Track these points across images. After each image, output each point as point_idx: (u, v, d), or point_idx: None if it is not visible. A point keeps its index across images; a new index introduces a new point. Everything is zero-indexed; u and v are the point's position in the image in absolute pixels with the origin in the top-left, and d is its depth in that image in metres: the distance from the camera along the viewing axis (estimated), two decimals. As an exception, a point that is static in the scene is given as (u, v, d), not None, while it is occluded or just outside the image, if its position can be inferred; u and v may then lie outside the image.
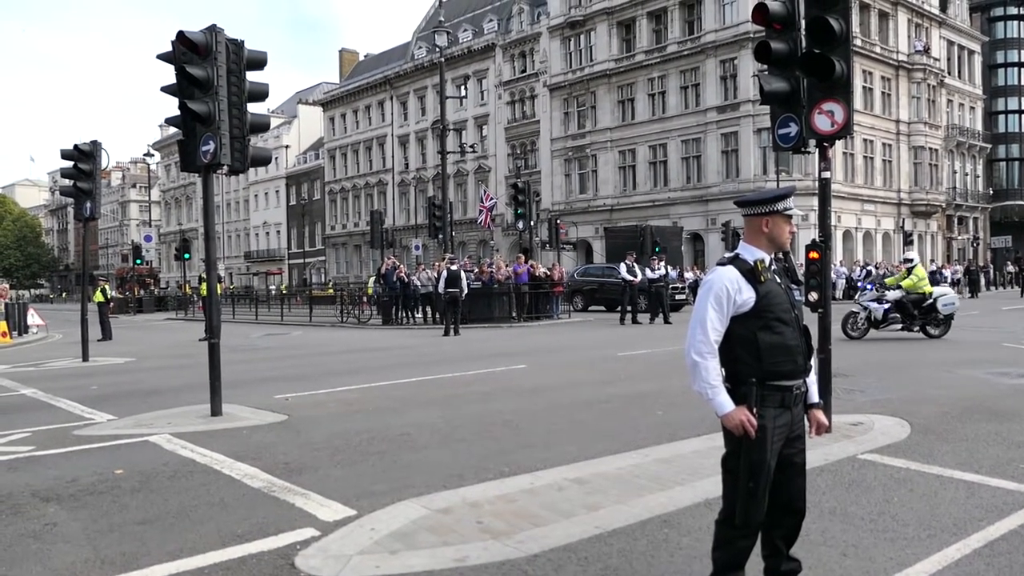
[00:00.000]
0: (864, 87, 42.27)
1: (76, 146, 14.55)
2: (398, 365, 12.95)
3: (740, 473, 3.08)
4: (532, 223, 29.22)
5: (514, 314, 23.85)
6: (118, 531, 4.55)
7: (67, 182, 15.52)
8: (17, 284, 71.03)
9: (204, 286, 22.92)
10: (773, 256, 3.22)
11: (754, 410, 3.04)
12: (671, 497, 4.86)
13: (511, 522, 4.43)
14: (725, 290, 3.09)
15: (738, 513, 3.08)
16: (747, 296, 3.08)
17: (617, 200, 45.32)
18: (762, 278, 3.10)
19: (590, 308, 29.59)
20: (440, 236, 27.38)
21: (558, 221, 36.00)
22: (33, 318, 25.87)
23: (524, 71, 51.11)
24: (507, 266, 25.49)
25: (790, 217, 3.21)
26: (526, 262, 25.89)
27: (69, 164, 14.69)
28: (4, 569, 3.98)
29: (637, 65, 44.26)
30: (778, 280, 3.17)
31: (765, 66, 7.00)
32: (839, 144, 7.07)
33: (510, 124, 51.73)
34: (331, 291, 41.56)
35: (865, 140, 42.91)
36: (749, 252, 3.19)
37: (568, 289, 28.55)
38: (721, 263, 3.22)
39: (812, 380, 3.29)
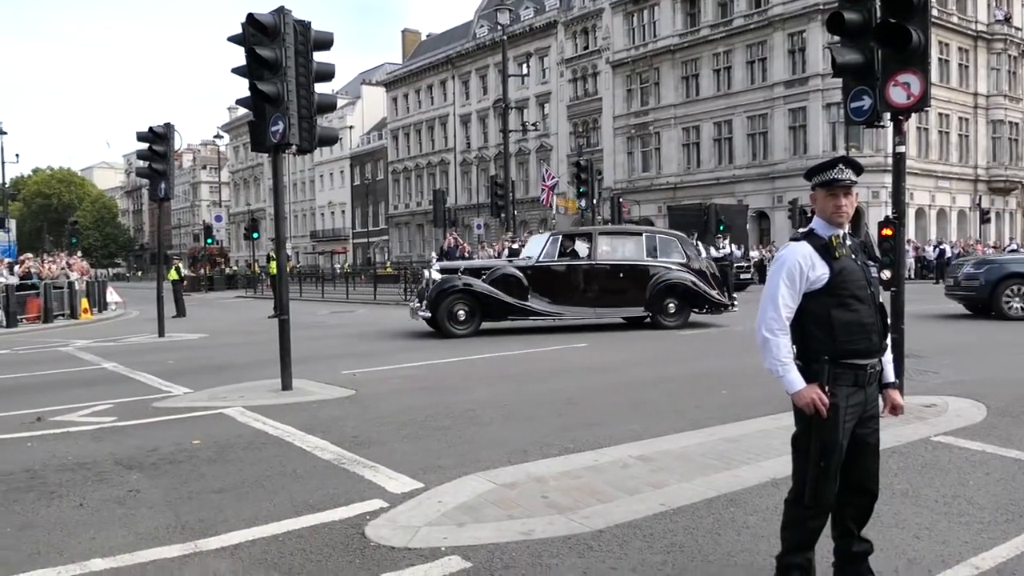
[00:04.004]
0: (940, 59, 40.67)
1: (151, 128, 14.99)
2: (460, 342, 13.08)
3: (810, 452, 3.04)
4: (594, 201, 29.06)
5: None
6: (197, 499, 4.73)
7: (143, 164, 16.00)
8: (96, 263, 73.71)
9: (272, 265, 23.45)
10: (848, 231, 3.14)
11: (826, 388, 2.99)
12: (737, 476, 4.83)
13: (576, 498, 4.46)
14: (798, 266, 3.03)
15: (808, 493, 3.05)
16: (821, 272, 3.02)
17: (681, 178, 44.70)
18: (837, 254, 3.04)
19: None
20: (502, 215, 27.46)
21: (620, 200, 35.71)
22: (112, 296, 26.85)
23: (586, 48, 50.62)
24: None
25: (838, 191, 3.06)
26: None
27: (144, 146, 15.14)
28: (93, 532, 4.18)
29: (702, 40, 43.41)
30: (854, 256, 3.10)
31: (837, 37, 6.81)
32: (913, 119, 6.86)
33: (572, 102, 51.37)
34: (390, 270, 42.06)
35: (940, 114, 41.35)
36: (823, 227, 3.12)
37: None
38: (794, 238, 3.17)
39: (888, 359, 3.21)
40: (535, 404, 7.49)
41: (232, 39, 8.61)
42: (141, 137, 15.09)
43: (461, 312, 13.79)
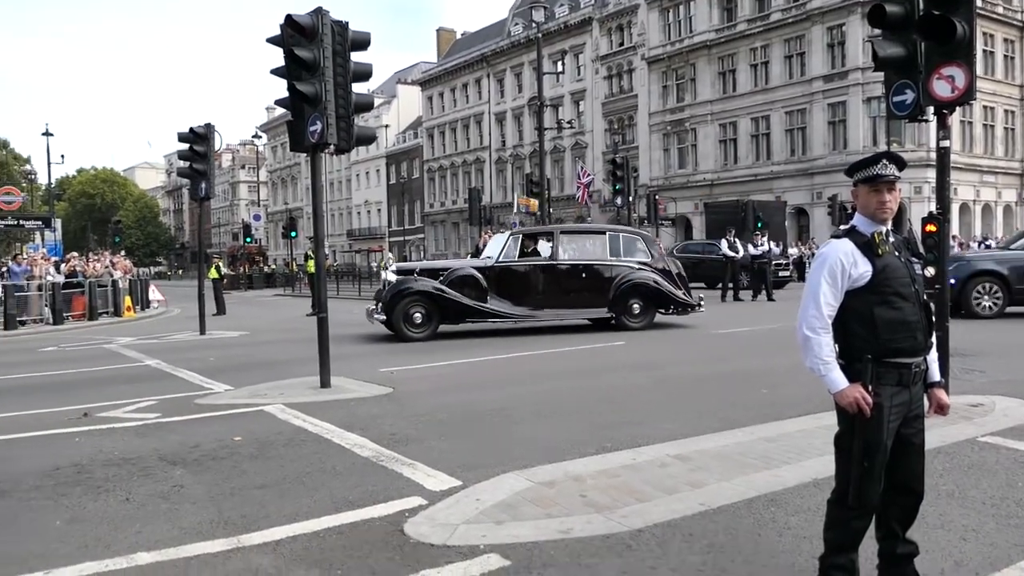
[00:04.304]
0: (985, 50, 39.79)
1: (192, 129, 15.22)
2: (497, 341, 13.10)
3: (854, 452, 2.99)
4: (630, 199, 28.93)
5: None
6: (239, 494, 4.80)
7: (184, 164, 16.26)
8: (138, 262, 75.11)
9: (310, 263, 23.72)
10: (890, 228, 3.09)
11: (869, 388, 2.94)
12: (777, 476, 4.78)
13: (614, 496, 4.45)
14: (839, 263, 2.99)
15: (852, 493, 3.00)
16: (863, 270, 2.98)
17: (717, 175, 44.31)
18: (879, 251, 2.99)
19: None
20: (538, 213, 27.43)
21: (656, 197, 35.54)
22: (154, 294, 27.36)
23: (621, 44, 50.37)
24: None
25: (881, 187, 3.00)
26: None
27: (185, 147, 15.39)
28: (139, 526, 4.26)
29: (739, 35, 42.97)
30: (898, 253, 3.05)
31: (878, 31, 6.70)
32: (956, 112, 6.69)
33: (607, 99, 51.16)
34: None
35: (985, 107, 40.47)
36: (865, 224, 3.07)
37: (667, 265, 28.18)
38: (836, 235, 3.12)
39: (933, 358, 3.15)
40: (572, 402, 7.48)
41: (271, 40, 8.70)
42: (182, 138, 15.33)
43: (417, 315, 13.29)
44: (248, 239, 48.87)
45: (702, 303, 15.11)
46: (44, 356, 13.03)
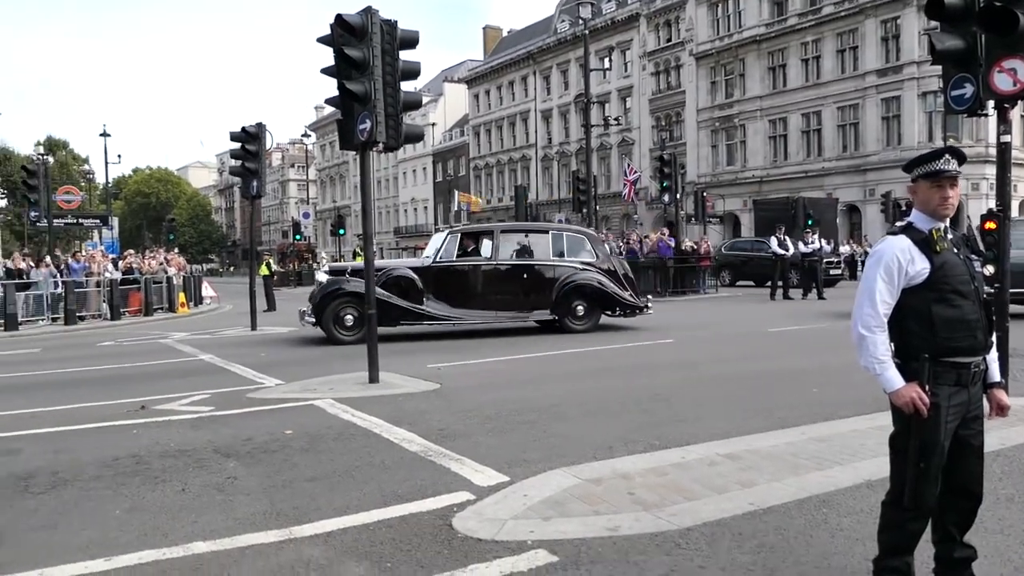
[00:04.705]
0: (1048, 42, 38.56)
1: (244, 128, 15.50)
2: (544, 337, 13.10)
3: (910, 453, 2.93)
4: (677, 196, 28.67)
5: (659, 288, 23.58)
6: (290, 487, 4.88)
7: (236, 163, 16.55)
8: (191, 259, 76.74)
9: (358, 260, 23.96)
10: (947, 224, 3.02)
11: (926, 387, 2.88)
12: (829, 477, 4.70)
13: (662, 495, 4.43)
14: (896, 260, 2.93)
15: (907, 495, 2.94)
16: (921, 267, 2.92)
17: (767, 171, 43.67)
18: (938, 247, 2.92)
19: (738, 283, 28.87)
20: (584, 210, 27.36)
21: (704, 194, 35.15)
22: (207, 290, 27.91)
23: (669, 40, 49.93)
24: (658, 234, 25.23)
25: (944, 183, 2.94)
26: (670, 235, 25.54)
27: (237, 146, 15.67)
28: (195, 516, 4.37)
29: (789, 29, 42.28)
30: (956, 250, 2.98)
31: (936, 23, 6.54)
32: (1017, 106, 6.46)
33: (654, 95, 50.77)
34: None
35: (1048, 101, 39.21)
36: (922, 220, 3.01)
37: (715, 263, 27.95)
38: (892, 232, 3.06)
39: (993, 357, 3.07)
40: (619, 400, 7.46)
41: (321, 40, 8.81)
42: (234, 137, 15.61)
43: (349, 317, 12.83)
44: (298, 236, 49.58)
45: (649, 305, 14.68)
46: (103, 351, 13.39)
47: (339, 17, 8.36)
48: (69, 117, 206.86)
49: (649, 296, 15.34)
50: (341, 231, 42.00)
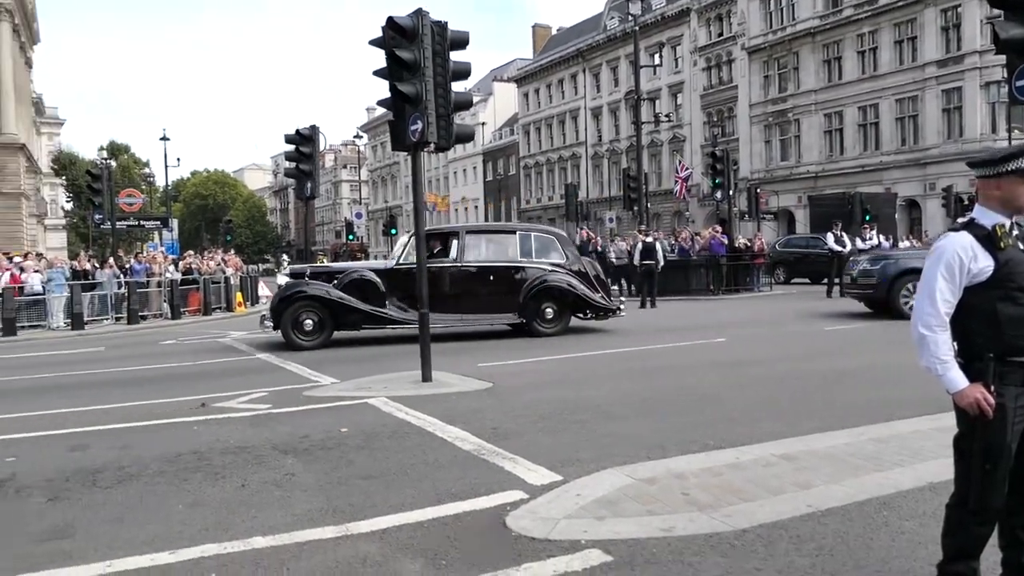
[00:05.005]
0: (1119, 29, 37.12)
1: (298, 131, 15.74)
2: (595, 337, 13.07)
3: (974, 455, 2.86)
4: (730, 193, 28.31)
5: (712, 286, 23.32)
6: (346, 484, 4.96)
7: (290, 165, 16.82)
8: (247, 259, 78.37)
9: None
10: (1014, 221, 2.93)
11: (991, 388, 2.81)
12: (889, 478, 4.61)
13: (717, 495, 4.39)
14: (957, 258, 2.86)
15: (973, 498, 2.87)
16: (984, 264, 2.84)
17: (822, 166, 42.84)
18: (1002, 244, 2.84)
19: (792, 280, 28.40)
20: (635, 208, 27.21)
21: (758, 190, 34.65)
22: (263, 290, 28.45)
23: (720, 35, 49.31)
24: (711, 231, 24.97)
25: None
26: (722, 232, 25.25)
27: (291, 148, 15.92)
28: (254, 512, 4.46)
29: (845, 21, 41.39)
30: (1021, 247, 2.89)
31: (999, 11, 6.36)
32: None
33: (706, 91, 50.20)
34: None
35: (1119, 89, 37.74)
36: (986, 216, 2.92)
37: (769, 260, 27.53)
38: (954, 229, 2.98)
39: (1061, 357, 2.97)
40: (671, 399, 7.41)
41: (373, 42, 8.92)
42: (289, 139, 15.87)
43: (308, 321, 12.54)
44: (351, 236, 50.20)
45: (622, 307, 14.31)
46: (164, 349, 13.74)
47: (391, 20, 8.45)
48: (130, 122, 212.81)
49: (623, 299, 14.87)
50: (393, 231, 42.44)
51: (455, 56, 8.76)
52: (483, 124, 70.30)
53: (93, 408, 7.98)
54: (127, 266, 22.38)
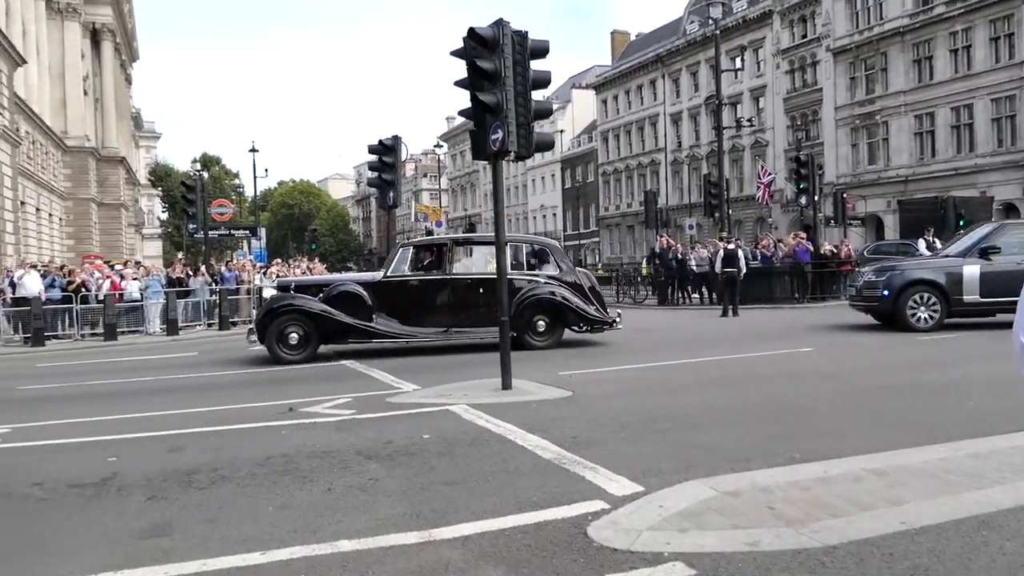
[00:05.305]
0: None
1: (381, 141, 16.09)
2: (676, 346, 12.92)
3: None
4: (815, 198, 27.60)
5: (796, 294, 22.76)
6: (429, 490, 5.02)
7: (373, 174, 17.19)
8: (331, 267, 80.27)
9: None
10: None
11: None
12: (989, 496, 4.41)
13: (805, 510, 4.28)
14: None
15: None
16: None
17: (912, 170, 41.32)
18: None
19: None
20: (716, 214, 26.80)
21: (844, 195, 33.67)
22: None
23: (804, 37, 48.15)
24: (795, 238, 24.40)
25: None
26: (807, 238, 24.63)
27: (375, 158, 16.27)
28: (340, 515, 4.57)
29: (936, 18, 39.87)
30: None
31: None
32: None
33: (789, 94, 49.07)
34: (601, 272, 42.30)
35: None
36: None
37: (857, 267, 26.69)
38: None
39: None
40: (756, 410, 7.26)
41: (454, 53, 9.04)
42: (372, 149, 16.23)
43: (294, 335, 12.39)
44: (430, 244, 50.83)
45: (619, 320, 13.81)
46: (254, 355, 14.16)
47: (472, 30, 8.56)
48: (221, 135, 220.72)
49: (619, 311, 14.49)
50: (472, 239, 42.89)
51: (535, 65, 8.82)
52: (561, 132, 70.44)
53: (188, 411, 8.31)
54: (218, 274, 23.20)
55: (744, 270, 20.18)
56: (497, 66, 8.50)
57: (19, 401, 9.92)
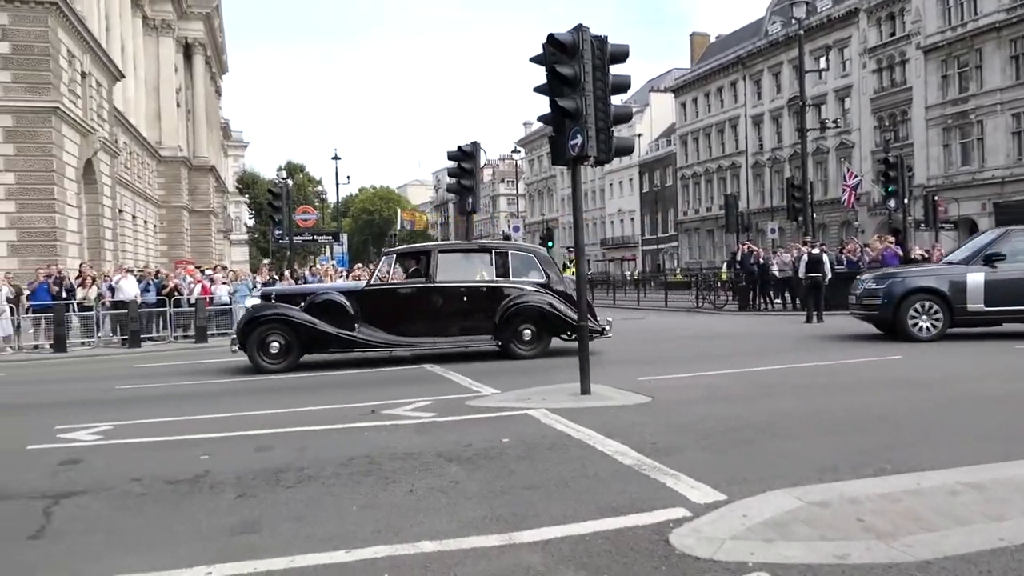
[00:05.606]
0: None
1: (460, 147, 16.26)
2: (758, 352, 12.66)
3: None
4: (904, 201, 26.66)
5: (884, 300, 22.00)
6: (509, 493, 5.05)
7: (451, 180, 17.38)
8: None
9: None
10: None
11: None
12: (1097, 514, 4.18)
13: (896, 523, 4.14)
14: None
15: None
16: None
17: (1010, 171, 39.50)
18: None
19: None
20: (799, 218, 26.17)
21: (935, 198, 32.44)
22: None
23: (892, 35, 46.63)
24: (884, 242, 23.61)
25: None
26: (896, 243, 23.81)
27: (454, 164, 16.46)
28: (422, 517, 4.63)
29: (1037, 12, 38.11)
30: None
31: None
32: None
33: (876, 94, 47.58)
34: (680, 277, 41.78)
35: None
36: None
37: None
38: None
39: None
40: (843, 419, 7.05)
41: (534, 59, 9.06)
42: (452, 156, 16.42)
43: (275, 344, 12.32)
44: (508, 249, 51.12)
45: (609, 328, 13.47)
46: (337, 358, 14.50)
47: (551, 37, 8.58)
48: (305, 142, 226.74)
49: (609, 319, 14.18)
50: (550, 244, 42.78)
51: (614, 69, 8.77)
52: (639, 135, 69.94)
53: (275, 411, 8.56)
54: (303, 278, 23.81)
55: (829, 275, 19.65)
56: (577, 71, 8.49)
57: (118, 400, 10.39)
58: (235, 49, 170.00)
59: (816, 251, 19.91)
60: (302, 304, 12.78)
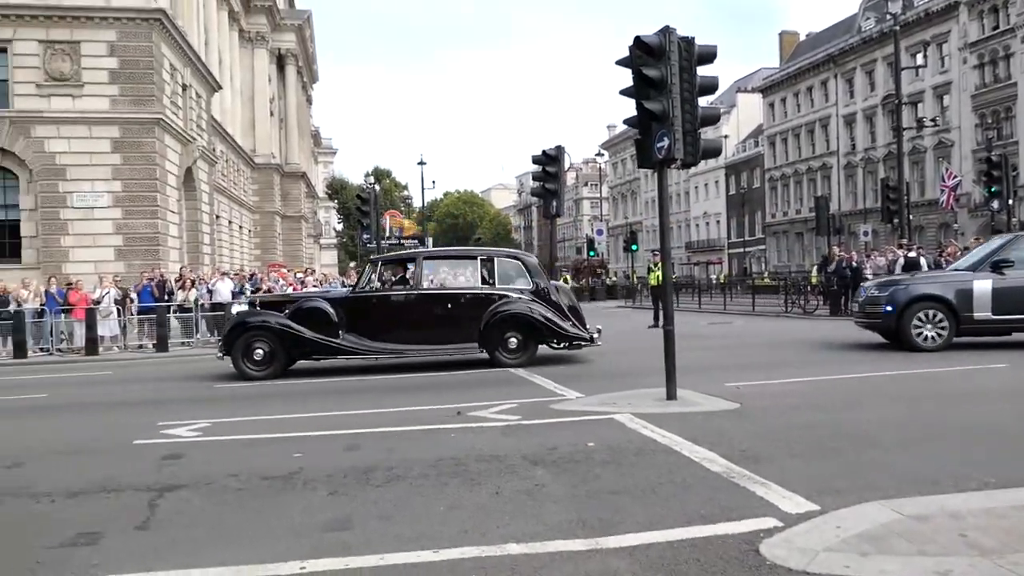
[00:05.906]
0: None
1: (544, 151, 16.32)
2: (850, 358, 12.26)
3: None
4: (1009, 201, 25.41)
5: (987, 306, 20.99)
6: (595, 498, 5.03)
7: (535, 184, 17.47)
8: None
9: (652, 276, 24.18)
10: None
11: None
12: None
13: (1002, 540, 3.95)
14: None
15: None
16: None
17: None
18: None
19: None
20: (894, 220, 25.26)
21: (1044, 198, 30.79)
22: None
23: (996, 28, 44.54)
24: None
25: None
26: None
27: (538, 168, 16.53)
28: (508, 519, 4.67)
29: None
30: None
31: None
32: None
33: (978, 90, 45.50)
34: (768, 280, 40.83)
35: None
36: None
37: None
38: None
39: None
40: (943, 429, 6.77)
41: (620, 62, 9.02)
42: (536, 160, 16.50)
43: (259, 351, 12.26)
44: (591, 253, 50.97)
45: (598, 336, 12.99)
46: (416, 364, 14.74)
47: (638, 39, 8.52)
48: (391, 148, 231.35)
49: (599, 327, 13.67)
50: (634, 247, 42.59)
51: (702, 70, 8.66)
52: (726, 137, 68.73)
53: (363, 412, 8.77)
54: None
55: (927, 279, 18.84)
56: (663, 73, 8.41)
57: (216, 399, 10.81)
58: (325, 59, 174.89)
59: (913, 254, 19.18)
60: (286, 311, 12.86)
